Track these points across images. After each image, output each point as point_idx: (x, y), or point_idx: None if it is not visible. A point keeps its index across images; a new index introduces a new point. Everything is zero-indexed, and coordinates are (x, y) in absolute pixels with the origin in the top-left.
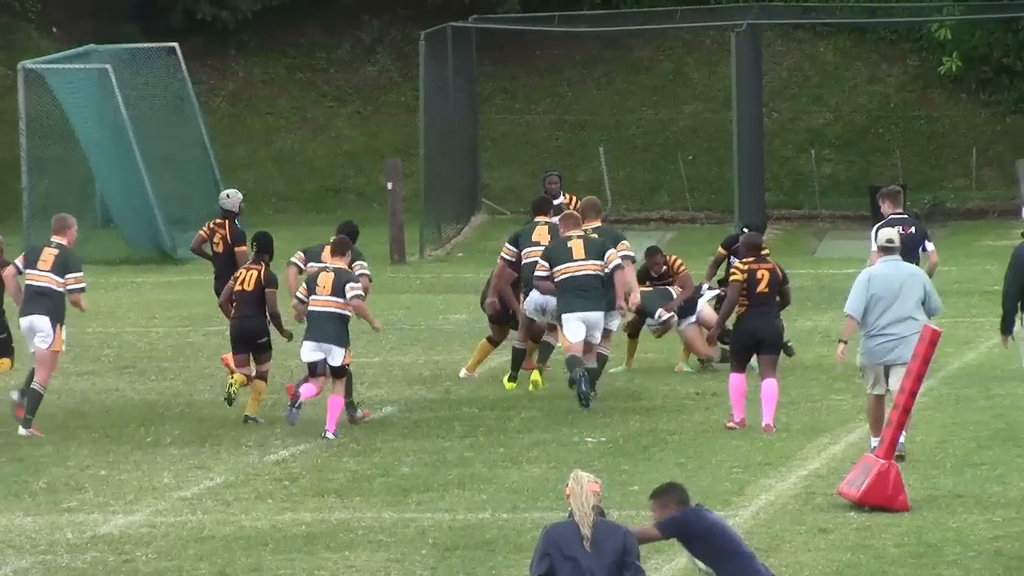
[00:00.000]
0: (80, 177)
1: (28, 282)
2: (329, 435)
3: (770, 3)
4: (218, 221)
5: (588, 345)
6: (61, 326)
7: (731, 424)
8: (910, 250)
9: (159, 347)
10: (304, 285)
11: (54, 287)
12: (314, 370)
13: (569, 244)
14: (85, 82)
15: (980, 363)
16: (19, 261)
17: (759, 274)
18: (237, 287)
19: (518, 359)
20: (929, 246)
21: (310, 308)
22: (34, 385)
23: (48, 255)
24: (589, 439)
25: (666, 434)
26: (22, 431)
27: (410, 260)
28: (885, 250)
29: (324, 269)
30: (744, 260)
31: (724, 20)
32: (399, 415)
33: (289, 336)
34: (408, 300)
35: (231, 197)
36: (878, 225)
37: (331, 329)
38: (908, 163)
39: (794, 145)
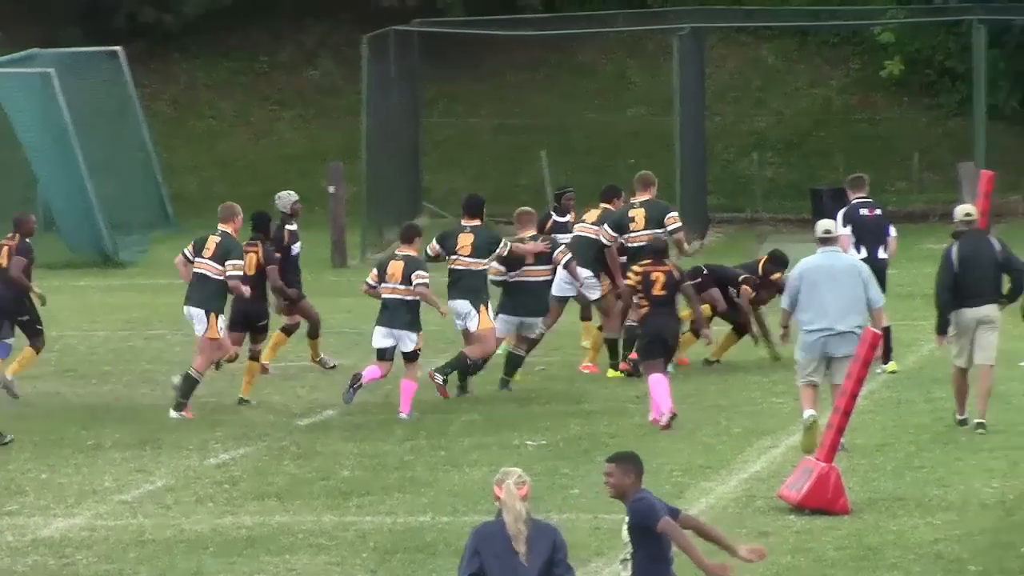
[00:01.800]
0: (22, 180)
1: (194, 270)
2: (403, 416)
3: (712, 7)
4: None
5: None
6: (217, 315)
7: (659, 419)
8: (875, 232)
9: (100, 351)
10: (375, 271)
11: (212, 274)
12: (383, 355)
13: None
14: (28, 86)
15: (921, 366)
16: (188, 249)
17: (653, 276)
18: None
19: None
20: (891, 231)
21: (383, 296)
22: (190, 371)
23: (212, 243)
24: (529, 442)
25: (606, 437)
26: (172, 414)
27: (351, 264)
28: (822, 241)
29: (394, 257)
30: (640, 263)
31: (666, 24)
32: (340, 419)
33: (289, 299)
34: (349, 303)
35: (281, 199)
36: (843, 210)
37: (402, 316)
38: (850, 166)
39: (736, 148)
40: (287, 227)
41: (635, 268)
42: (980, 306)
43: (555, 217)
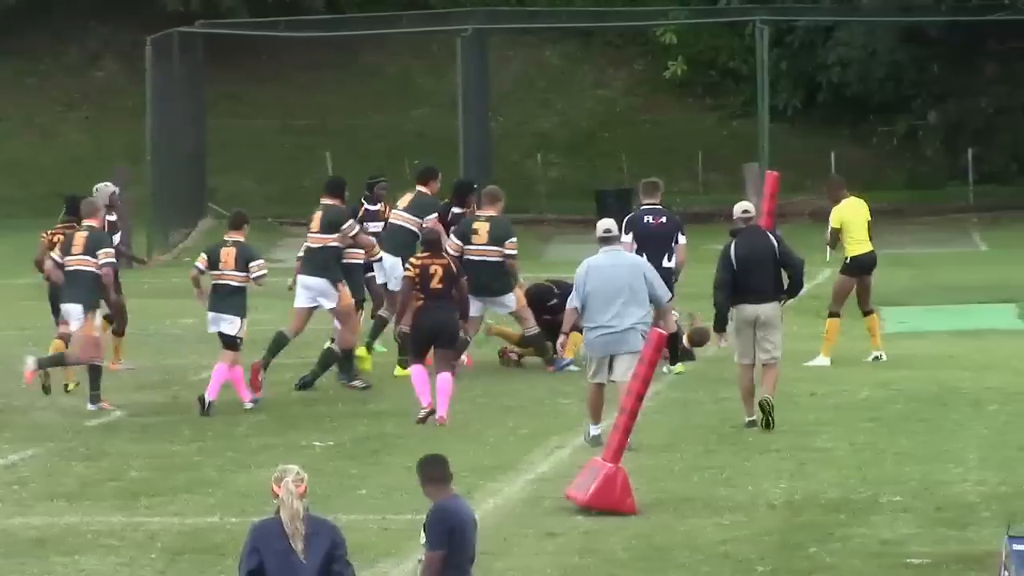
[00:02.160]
0: None
1: (68, 268)
2: (208, 398)
3: (496, 8)
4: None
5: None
6: (94, 310)
7: (421, 415)
8: (660, 240)
9: None
10: (204, 256)
11: (87, 268)
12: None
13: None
14: None
15: (707, 366)
16: (55, 253)
17: (432, 269)
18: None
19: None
20: (681, 239)
21: (213, 281)
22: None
23: (80, 239)
24: (317, 443)
25: (394, 438)
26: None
27: (137, 265)
28: (604, 240)
29: (225, 244)
30: (418, 256)
31: (450, 25)
32: (128, 420)
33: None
34: (136, 305)
35: (99, 191)
36: (628, 216)
37: (232, 301)
38: (635, 167)
39: (521, 149)
40: (107, 218)
41: (413, 260)
42: (760, 303)
43: (367, 206)
